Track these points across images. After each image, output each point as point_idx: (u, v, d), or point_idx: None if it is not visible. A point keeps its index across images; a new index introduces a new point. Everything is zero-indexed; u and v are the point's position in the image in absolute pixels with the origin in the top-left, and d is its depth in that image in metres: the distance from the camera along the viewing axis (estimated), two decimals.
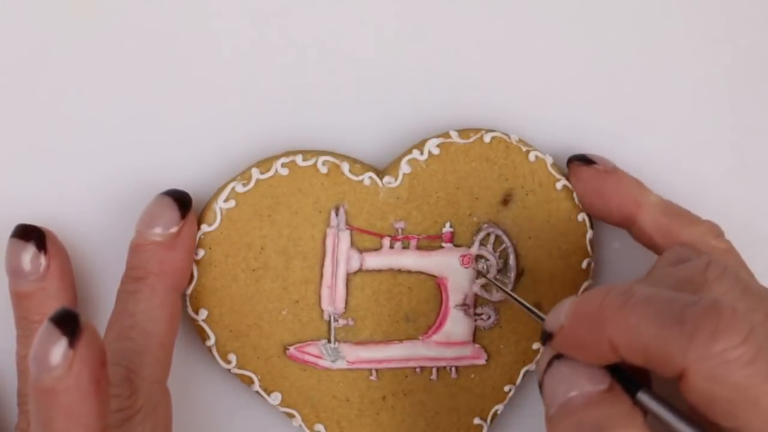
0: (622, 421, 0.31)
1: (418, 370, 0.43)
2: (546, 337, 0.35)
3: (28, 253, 0.40)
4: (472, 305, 0.43)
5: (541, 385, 0.35)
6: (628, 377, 0.33)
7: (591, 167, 0.42)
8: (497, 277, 0.43)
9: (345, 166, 0.42)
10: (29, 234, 0.40)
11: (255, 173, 0.41)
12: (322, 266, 0.42)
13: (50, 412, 0.31)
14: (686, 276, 0.35)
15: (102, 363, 0.32)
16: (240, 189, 0.41)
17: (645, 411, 0.33)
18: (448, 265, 0.43)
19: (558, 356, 0.34)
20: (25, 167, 0.42)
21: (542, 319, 0.36)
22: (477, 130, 0.43)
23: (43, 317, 0.32)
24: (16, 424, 0.40)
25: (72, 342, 0.31)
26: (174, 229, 0.39)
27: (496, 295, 0.43)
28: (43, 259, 0.40)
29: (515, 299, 0.41)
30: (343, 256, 0.42)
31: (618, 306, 0.32)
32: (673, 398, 0.33)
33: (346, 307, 0.42)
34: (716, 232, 0.41)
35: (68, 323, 0.31)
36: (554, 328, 0.34)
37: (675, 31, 0.45)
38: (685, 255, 0.37)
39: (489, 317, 0.43)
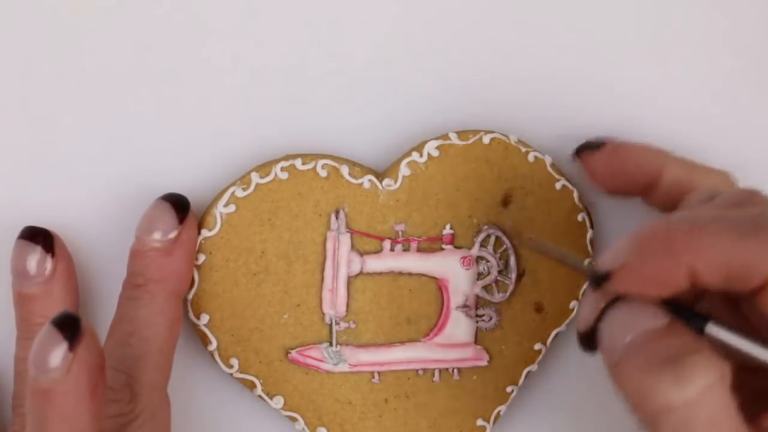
0: (693, 348, 0.31)
1: (420, 372, 0.43)
2: (600, 279, 0.33)
3: (35, 256, 0.40)
4: (474, 307, 0.43)
5: (585, 334, 0.34)
6: (688, 315, 0.33)
7: (604, 150, 0.42)
8: (498, 278, 0.43)
9: (344, 170, 0.42)
10: (37, 236, 0.40)
11: (254, 177, 0.41)
12: (322, 270, 0.42)
13: (46, 413, 0.31)
14: (734, 203, 0.34)
15: (100, 368, 0.32)
16: (240, 193, 0.41)
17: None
18: (448, 267, 0.43)
19: (611, 304, 0.33)
20: (26, 172, 0.42)
21: (583, 267, 0.35)
22: (476, 132, 0.43)
23: (45, 320, 0.32)
24: (11, 426, 0.40)
25: (72, 345, 0.31)
26: (172, 235, 0.39)
27: (498, 296, 0.43)
28: (49, 262, 0.40)
29: (548, 250, 0.40)
30: (343, 259, 0.42)
31: (686, 230, 0.31)
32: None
33: (347, 310, 0.42)
34: (732, 178, 0.41)
35: (69, 326, 0.31)
36: (613, 266, 0.33)
37: (675, 31, 0.45)
38: (712, 192, 0.36)
39: (490, 318, 0.43)
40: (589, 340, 0.34)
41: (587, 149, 0.42)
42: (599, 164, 0.42)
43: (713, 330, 0.32)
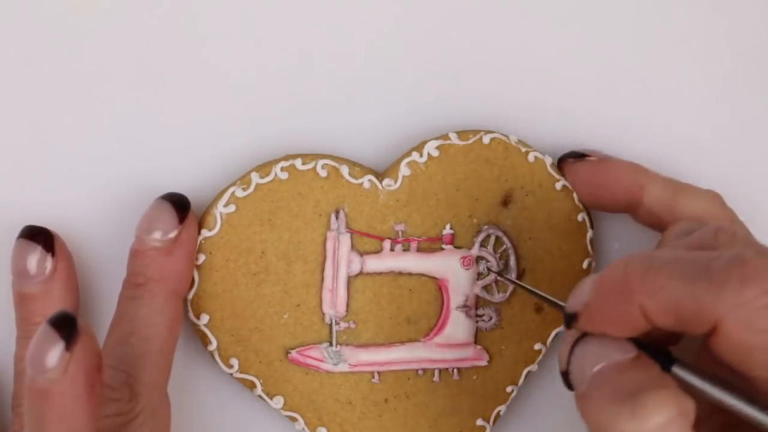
0: (658, 383, 0.31)
1: (420, 372, 0.43)
2: (570, 320, 0.34)
3: (35, 255, 0.40)
4: (474, 307, 0.43)
5: (565, 373, 0.34)
6: (655, 353, 0.33)
7: (586, 161, 0.43)
8: (498, 278, 0.43)
9: (344, 170, 0.42)
10: (37, 235, 0.40)
11: (255, 178, 0.41)
12: (322, 270, 0.42)
13: (43, 413, 0.31)
14: (697, 243, 0.35)
15: (97, 367, 0.32)
16: (240, 193, 0.41)
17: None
18: (448, 267, 0.43)
19: (581, 337, 0.34)
20: (26, 172, 0.42)
21: (561, 307, 0.36)
22: (476, 132, 0.43)
23: (44, 320, 0.32)
24: (11, 426, 0.40)
25: (68, 345, 0.31)
26: (173, 235, 0.39)
27: (498, 296, 0.43)
28: (49, 262, 0.40)
29: (530, 291, 0.41)
30: (343, 259, 0.42)
31: (642, 271, 0.32)
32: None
33: (347, 310, 0.42)
34: (719, 201, 0.41)
35: (66, 326, 0.31)
36: (578, 307, 0.34)
37: (675, 31, 0.45)
38: (690, 227, 0.37)
39: (490, 318, 0.43)
40: (568, 378, 0.35)
41: (571, 158, 0.43)
42: (580, 176, 0.42)
43: (679, 371, 0.33)
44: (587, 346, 0.34)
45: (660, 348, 0.34)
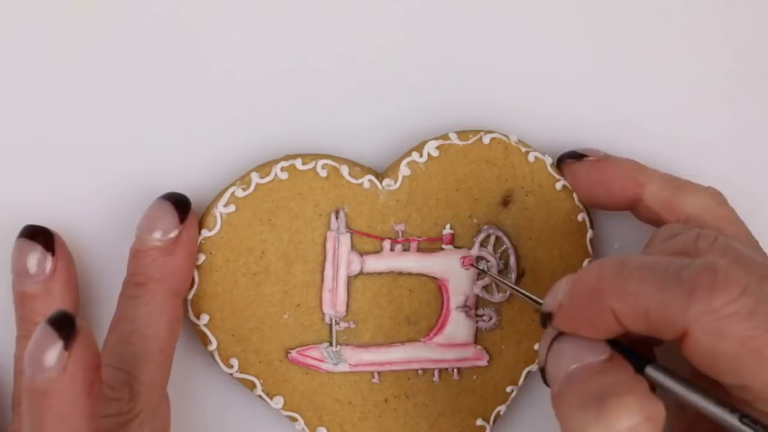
0: (626, 387, 0.32)
1: (420, 372, 0.43)
2: (546, 319, 0.35)
3: (35, 254, 0.40)
4: (474, 306, 0.43)
5: (543, 371, 0.35)
6: (632, 354, 0.33)
7: (584, 161, 0.43)
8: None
9: (344, 170, 0.42)
10: (37, 235, 0.40)
11: (255, 177, 0.41)
12: (322, 270, 0.42)
13: (42, 413, 0.31)
14: (677, 248, 0.35)
15: (96, 367, 0.32)
16: (240, 193, 0.41)
17: (652, 386, 0.33)
18: (448, 267, 0.43)
19: (558, 336, 0.34)
20: (27, 171, 0.42)
21: (540, 304, 0.37)
22: (476, 132, 0.43)
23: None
24: (11, 425, 0.40)
25: (67, 344, 0.31)
26: (173, 234, 0.39)
27: (498, 297, 0.43)
28: (49, 261, 0.40)
29: (514, 289, 0.41)
30: (343, 259, 0.42)
31: (615, 275, 0.32)
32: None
33: (347, 310, 0.42)
34: (719, 199, 0.41)
35: (64, 325, 0.31)
36: (553, 307, 0.34)
37: (675, 31, 0.45)
38: (677, 230, 0.37)
39: (490, 318, 0.43)
40: (545, 375, 0.35)
41: (568, 159, 0.43)
42: (579, 175, 0.42)
43: (652, 372, 0.33)
44: (563, 345, 0.34)
45: (643, 347, 0.34)
